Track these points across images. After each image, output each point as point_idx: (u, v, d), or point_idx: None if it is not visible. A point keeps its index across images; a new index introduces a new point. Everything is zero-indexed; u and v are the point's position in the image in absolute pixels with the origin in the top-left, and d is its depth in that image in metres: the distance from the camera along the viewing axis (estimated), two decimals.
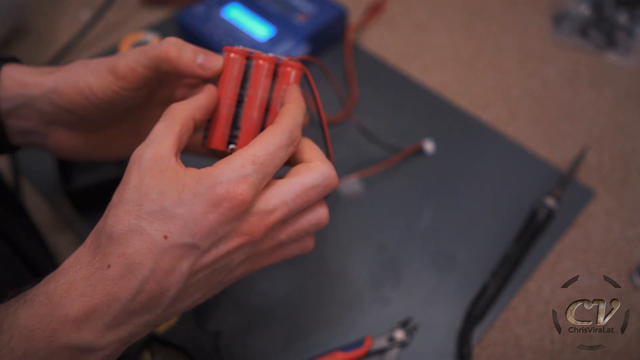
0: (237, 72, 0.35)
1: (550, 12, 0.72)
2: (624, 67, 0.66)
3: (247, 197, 0.29)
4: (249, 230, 0.30)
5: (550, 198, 0.51)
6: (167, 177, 0.29)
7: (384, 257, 0.50)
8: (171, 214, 0.28)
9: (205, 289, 0.31)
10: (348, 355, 0.44)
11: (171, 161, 0.30)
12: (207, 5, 0.67)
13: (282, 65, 0.35)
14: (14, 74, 0.37)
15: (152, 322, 0.29)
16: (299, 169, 0.33)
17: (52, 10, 0.75)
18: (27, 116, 0.38)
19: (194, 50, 0.35)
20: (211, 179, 0.29)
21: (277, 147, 0.31)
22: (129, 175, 0.30)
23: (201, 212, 0.28)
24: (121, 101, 0.37)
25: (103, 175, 0.50)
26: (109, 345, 0.28)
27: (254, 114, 0.35)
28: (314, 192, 0.33)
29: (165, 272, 0.28)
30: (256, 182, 0.30)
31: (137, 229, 0.28)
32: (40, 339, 0.26)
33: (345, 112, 0.60)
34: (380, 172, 0.55)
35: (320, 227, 0.35)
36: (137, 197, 0.29)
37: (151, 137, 0.31)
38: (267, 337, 0.45)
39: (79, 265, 0.28)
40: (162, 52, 0.34)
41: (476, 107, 0.62)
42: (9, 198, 0.46)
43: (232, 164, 0.30)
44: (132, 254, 0.28)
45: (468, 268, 0.49)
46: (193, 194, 0.28)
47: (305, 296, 0.48)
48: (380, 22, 0.72)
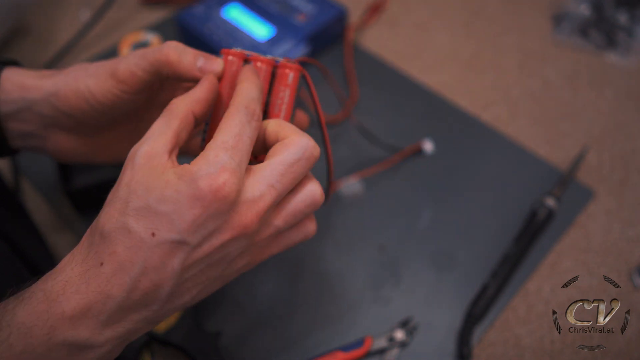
0: (235, 75, 0.35)
1: (550, 12, 0.73)
2: (624, 67, 0.66)
3: (231, 186, 0.29)
4: (241, 221, 0.30)
5: (550, 198, 0.51)
6: (155, 174, 0.29)
7: (384, 257, 0.50)
8: (156, 211, 0.28)
9: (203, 284, 0.31)
10: (348, 355, 0.44)
11: (162, 158, 0.30)
12: (207, 5, 0.67)
13: (280, 67, 0.35)
14: (15, 77, 0.37)
15: (150, 318, 0.29)
16: (276, 149, 0.32)
17: (52, 10, 0.75)
18: (27, 119, 0.38)
19: (194, 54, 0.35)
20: (190, 175, 0.29)
21: (240, 126, 0.31)
22: (124, 173, 0.30)
23: (186, 207, 0.28)
24: (121, 105, 0.37)
25: (103, 175, 0.50)
26: (107, 342, 0.28)
27: None
28: (299, 167, 0.32)
29: (156, 269, 0.28)
30: (235, 167, 0.29)
31: (125, 227, 0.28)
32: (38, 336, 0.26)
33: (345, 112, 0.60)
34: (380, 172, 0.55)
35: (316, 206, 0.34)
36: (127, 194, 0.29)
37: (148, 134, 0.31)
38: (267, 337, 0.45)
39: (75, 263, 0.28)
40: (163, 56, 0.34)
41: (476, 107, 0.62)
42: (9, 198, 0.46)
43: (206, 157, 0.29)
44: (122, 252, 0.28)
45: (468, 268, 0.49)
46: (175, 191, 0.28)
47: (305, 296, 0.48)
48: (380, 22, 0.72)
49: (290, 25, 0.64)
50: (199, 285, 0.31)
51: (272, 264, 0.49)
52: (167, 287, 0.29)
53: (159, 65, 0.34)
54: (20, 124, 0.38)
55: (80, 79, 0.36)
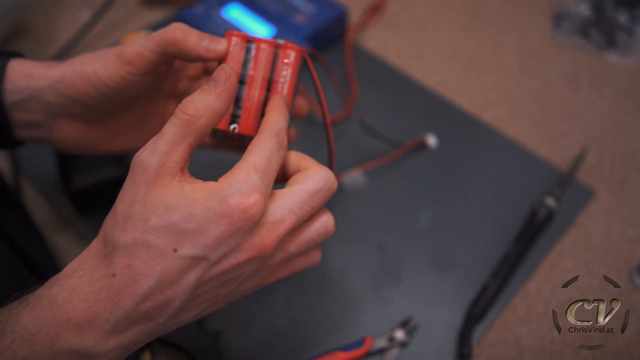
0: (238, 54, 0.36)
1: (551, 12, 0.72)
2: (624, 67, 0.66)
3: (259, 206, 0.29)
4: (260, 243, 0.30)
5: (550, 198, 0.51)
6: (173, 192, 0.29)
7: (384, 257, 0.50)
8: (182, 230, 0.28)
9: (211, 301, 0.31)
10: (348, 355, 0.44)
11: (176, 176, 0.29)
12: (207, 5, 0.67)
13: (282, 47, 0.36)
14: (21, 67, 0.38)
15: (154, 331, 0.29)
16: (298, 177, 0.33)
17: (52, 10, 0.75)
18: (33, 109, 0.38)
19: (199, 34, 0.35)
20: (221, 193, 0.29)
21: (271, 151, 0.31)
22: (134, 185, 0.29)
23: (213, 224, 0.28)
24: (128, 88, 0.37)
25: (103, 175, 0.50)
26: (110, 352, 0.28)
27: (255, 93, 0.36)
28: (318, 197, 0.33)
29: (171, 283, 0.28)
30: (264, 189, 0.30)
31: (144, 243, 0.28)
32: (42, 343, 0.26)
33: (347, 111, 0.60)
34: (381, 166, 0.55)
35: (327, 236, 0.35)
36: (143, 212, 0.28)
37: (160, 142, 0.29)
38: (267, 337, 0.45)
39: (83, 271, 0.28)
40: (169, 35, 0.35)
41: (476, 107, 0.62)
42: (9, 198, 0.46)
43: (237, 176, 0.30)
44: (139, 266, 0.27)
45: (468, 268, 0.49)
46: (204, 208, 0.28)
47: (306, 296, 0.48)
48: (380, 22, 0.72)
49: (290, 25, 0.64)
50: (207, 302, 0.31)
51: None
52: (177, 302, 0.29)
53: (165, 45, 0.35)
54: (26, 113, 0.38)
55: (87, 64, 0.36)
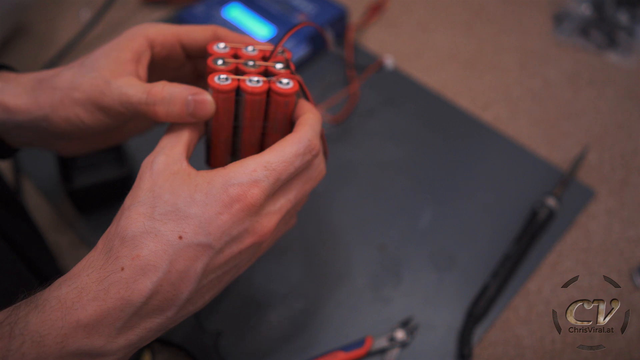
0: (228, 110, 0.34)
1: (551, 11, 0.72)
2: (624, 67, 0.66)
3: (258, 199, 0.30)
4: (260, 230, 0.31)
5: (550, 198, 0.51)
6: (180, 178, 0.30)
7: (385, 257, 0.50)
8: (184, 214, 0.28)
9: (215, 289, 0.31)
10: (349, 355, 0.44)
11: (182, 164, 0.31)
12: (207, 5, 0.67)
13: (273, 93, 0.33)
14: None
15: (162, 325, 0.29)
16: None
17: (52, 10, 0.75)
18: (21, 135, 0.37)
19: (182, 102, 0.32)
20: (223, 180, 0.29)
21: (293, 155, 0.31)
22: (142, 179, 0.30)
23: (214, 212, 0.29)
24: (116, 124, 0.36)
25: (103, 175, 0.50)
26: (119, 350, 0.28)
27: (251, 139, 0.36)
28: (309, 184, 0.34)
29: (179, 273, 0.28)
30: (267, 187, 0.30)
31: (152, 231, 0.28)
32: (51, 345, 0.26)
33: (348, 110, 0.60)
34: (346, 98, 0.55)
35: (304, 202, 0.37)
36: (150, 199, 0.29)
37: (161, 145, 0.32)
38: (267, 337, 0.45)
39: (91, 269, 0.28)
40: (151, 113, 0.33)
41: (476, 107, 0.62)
42: (10, 198, 0.46)
43: (244, 167, 0.30)
44: (147, 256, 0.28)
45: (468, 268, 0.49)
46: (205, 194, 0.29)
47: (306, 296, 0.48)
48: (380, 22, 0.72)
49: (290, 25, 0.64)
50: (212, 291, 0.31)
51: (272, 265, 0.49)
52: (186, 293, 0.29)
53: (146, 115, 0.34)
54: (15, 137, 0.38)
55: (69, 108, 0.34)
